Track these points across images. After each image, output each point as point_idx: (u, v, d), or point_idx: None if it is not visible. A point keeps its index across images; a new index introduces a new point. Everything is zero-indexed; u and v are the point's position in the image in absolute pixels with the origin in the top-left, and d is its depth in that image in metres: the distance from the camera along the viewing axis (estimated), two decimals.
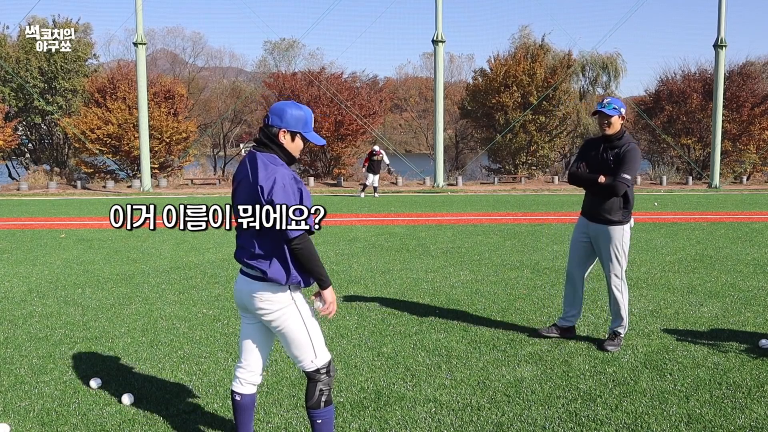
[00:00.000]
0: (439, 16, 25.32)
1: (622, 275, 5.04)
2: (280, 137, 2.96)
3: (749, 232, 11.80)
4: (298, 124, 2.97)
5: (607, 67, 35.90)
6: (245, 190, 2.93)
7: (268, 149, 2.97)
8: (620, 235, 4.95)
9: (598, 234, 5.03)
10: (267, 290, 2.94)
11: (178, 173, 28.85)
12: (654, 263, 8.62)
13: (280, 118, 2.95)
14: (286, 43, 42.74)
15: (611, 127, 4.91)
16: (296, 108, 2.98)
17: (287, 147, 2.98)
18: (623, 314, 5.08)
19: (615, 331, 5.10)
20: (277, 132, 2.96)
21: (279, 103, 3.02)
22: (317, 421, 3.04)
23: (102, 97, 26.29)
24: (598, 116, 4.95)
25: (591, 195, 5.07)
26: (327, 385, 3.04)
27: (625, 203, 4.93)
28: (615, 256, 4.98)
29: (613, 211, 4.92)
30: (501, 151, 30.61)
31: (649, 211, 15.83)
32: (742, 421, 3.75)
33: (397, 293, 6.96)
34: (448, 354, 4.93)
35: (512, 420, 3.78)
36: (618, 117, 4.90)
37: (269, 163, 2.90)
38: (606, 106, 4.88)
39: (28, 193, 23.47)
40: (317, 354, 3.02)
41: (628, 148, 4.88)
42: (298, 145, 3.01)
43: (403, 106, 41.84)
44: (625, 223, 4.96)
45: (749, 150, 29.41)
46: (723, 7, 25.58)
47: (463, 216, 15.11)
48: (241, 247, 3.00)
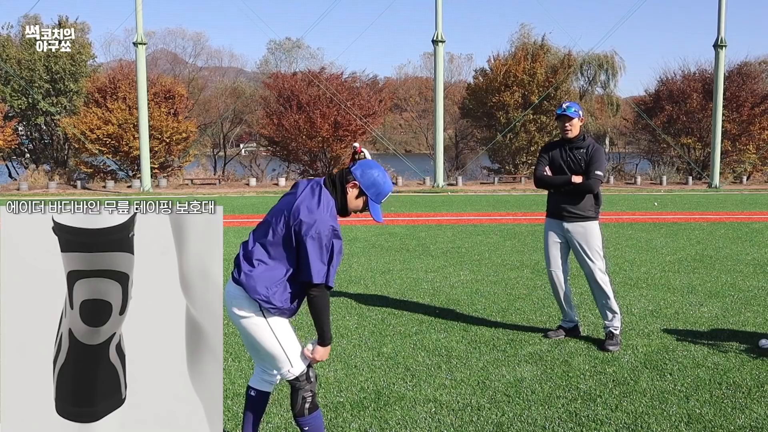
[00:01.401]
0: (439, 16, 25.34)
1: (605, 269, 5.16)
2: (349, 187, 3.00)
3: (749, 232, 11.80)
4: (371, 188, 3.01)
5: (605, 65, 35.90)
6: (289, 204, 2.94)
7: (333, 190, 3.00)
8: (597, 230, 5.13)
9: (575, 233, 5.11)
10: (239, 296, 2.93)
11: (178, 173, 28.87)
12: (654, 263, 8.62)
13: (362, 174, 3.00)
14: (290, 43, 42.77)
15: (573, 130, 5.08)
16: (381, 176, 3.02)
17: (348, 198, 3.01)
18: (614, 307, 5.13)
19: (611, 331, 5.12)
20: (350, 180, 3.00)
21: (373, 162, 3.08)
22: (305, 429, 3.03)
23: (102, 97, 26.30)
24: (560, 119, 5.12)
25: (560, 196, 5.16)
26: (309, 391, 3.01)
27: (597, 199, 5.13)
28: (596, 251, 5.11)
29: (587, 208, 5.10)
30: (501, 151, 30.63)
31: (649, 211, 15.83)
32: (742, 421, 3.75)
33: (397, 293, 6.96)
34: (448, 354, 4.93)
35: (512, 420, 3.78)
36: (578, 119, 5.09)
37: (321, 204, 2.91)
38: (567, 109, 5.07)
39: (28, 193, 23.49)
40: (293, 363, 2.99)
41: (595, 148, 5.09)
42: (358, 204, 3.04)
43: (403, 106, 41.79)
44: (597, 219, 5.16)
45: (749, 150, 29.42)
46: (723, 7, 25.59)
47: (463, 216, 15.11)
48: (246, 244, 3.00)
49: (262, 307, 2.92)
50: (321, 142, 27.82)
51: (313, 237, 2.83)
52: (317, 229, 2.84)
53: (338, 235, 2.91)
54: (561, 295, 5.32)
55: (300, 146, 28.11)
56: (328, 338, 2.97)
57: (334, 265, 2.91)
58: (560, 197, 5.14)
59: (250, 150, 40.06)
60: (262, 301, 2.88)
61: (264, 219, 3.03)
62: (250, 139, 40.11)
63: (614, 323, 5.13)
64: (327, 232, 2.86)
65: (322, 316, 2.91)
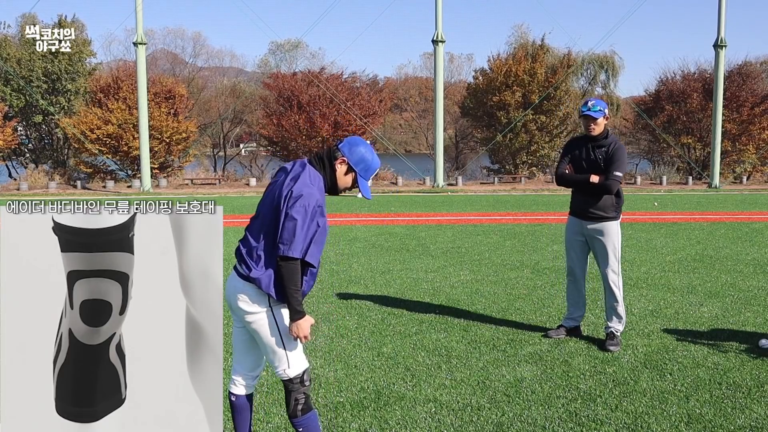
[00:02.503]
0: (439, 16, 25.33)
1: (618, 271, 5.13)
2: (338, 163, 3.00)
3: (749, 232, 11.80)
4: (360, 164, 3.01)
5: (605, 65, 35.89)
6: (276, 189, 2.93)
7: (321, 168, 2.99)
8: (616, 230, 5.09)
9: (594, 232, 5.09)
10: (248, 291, 2.92)
11: (178, 173, 28.86)
12: (654, 263, 8.62)
13: (350, 150, 3.00)
14: (291, 44, 42.75)
15: (597, 128, 5.00)
16: (369, 152, 3.03)
17: (338, 175, 3.01)
18: (621, 311, 5.13)
19: (612, 332, 5.11)
20: (338, 157, 2.99)
21: (358, 138, 3.07)
22: (299, 430, 3.02)
23: (104, 96, 26.31)
24: (585, 119, 5.03)
25: (581, 195, 5.12)
26: (303, 394, 3.01)
27: (618, 200, 5.07)
28: (613, 253, 5.08)
29: (607, 208, 5.04)
30: (501, 151, 30.61)
31: (649, 211, 15.83)
32: (742, 421, 3.75)
33: (397, 293, 6.96)
34: (448, 354, 4.93)
35: (512, 420, 3.78)
36: (603, 118, 5.00)
37: (309, 180, 2.91)
38: (592, 108, 4.97)
39: (28, 193, 23.49)
40: (291, 365, 2.99)
41: (616, 147, 4.99)
42: (347, 181, 3.03)
43: (403, 106, 41.78)
44: (618, 219, 5.11)
45: (749, 150, 29.41)
46: (723, 7, 25.58)
47: (463, 216, 15.11)
48: (245, 239, 2.99)
49: (273, 301, 2.92)
50: (321, 143, 27.82)
51: (299, 210, 2.81)
52: (304, 202, 2.82)
53: (323, 213, 2.89)
54: (575, 294, 5.31)
55: (300, 146, 28.11)
56: (297, 313, 2.86)
57: (316, 243, 2.86)
58: (583, 196, 5.10)
59: (250, 150, 40.07)
60: (265, 283, 2.87)
61: (256, 212, 3.02)
62: (250, 139, 40.09)
63: (617, 326, 5.13)
64: (313, 206, 2.84)
65: (289, 286, 2.83)
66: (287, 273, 2.81)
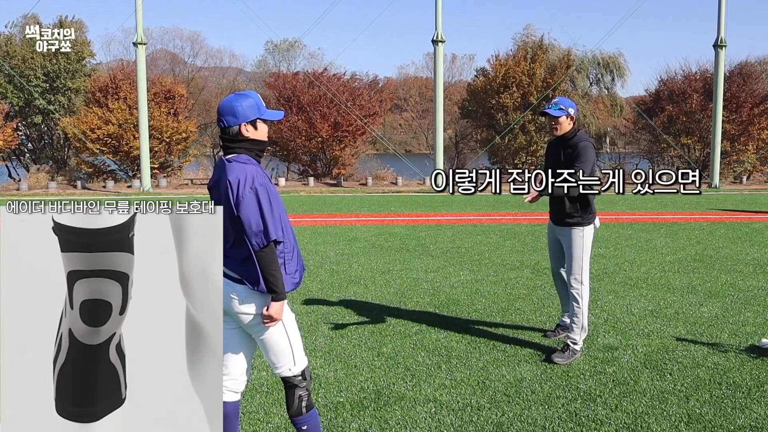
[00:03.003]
0: (439, 16, 25.31)
1: (581, 279, 4.78)
2: (243, 132, 2.93)
3: (749, 232, 11.80)
4: (252, 111, 2.93)
5: (610, 66, 35.84)
6: (219, 190, 2.91)
7: (236, 150, 2.93)
8: (580, 236, 4.78)
9: (561, 236, 4.93)
10: (245, 293, 2.91)
11: (178, 173, 28.86)
12: (654, 263, 8.62)
13: (235, 116, 2.91)
14: (287, 44, 42.76)
15: (560, 128, 4.75)
16: (243, 98, 2.95)
17: (254, 137, 2.95)
18: (581, 322, 4.77)
19: (567, 342, 4.79)
20: (237, 129, 2.92)
21: (223, 101, 2.97)
22: (303, 428, 3.00)
23: (104, 96, 26.30)
24: (547, 118, 4.82)
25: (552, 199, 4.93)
26: (305, 390, 3.00)
27: (584, 204, 4.76)
28: (575, 260, 4.79)
29: (570, 213, 4.78)
30: (501, 152, 30.62)
31: (649, 211, 15.83)
32: (742, 421, 3.75)
33: (397, 293, 6.96)
34: (448, 354, 4.93)
35: (512, 420, 3.78)
36: (566, 117, 4.72)
37: (238, 162, 2.88)
38: (552, 106, 4.73)
39: (28, 193, 23.48)
40: (296, 362, 2.98)
41: (579, 146, 4.68)
42: (263, 129, 2.98)
43: (403, 106, 41.81)
44: (585, 224, 4.79)
45: (749, 150, 29.41)
46: (723, 7, 25.57)
47: (463, 216, 15.11)
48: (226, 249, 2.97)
49: (267, 297, 2.91)
50: (320, 143, 27.81)
51: (252, 189, 2.78)
52: (251, 181, 2.79)
53: (268, 179, 2.87)
54: (565, 293, 5.25)
55: (299, 147, 28.10)
56: (279, 294, 2.85)
57: (281, 211, 2.84)
58: (552, 199, 4.94)
59: None
60: (257, 281, 2.86)
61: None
62: None
63: (573, 336, 4.77)
64: (262, 179, 2.82)
65: (275, 270, 2.82)
66: (268, 258, 2.80)
